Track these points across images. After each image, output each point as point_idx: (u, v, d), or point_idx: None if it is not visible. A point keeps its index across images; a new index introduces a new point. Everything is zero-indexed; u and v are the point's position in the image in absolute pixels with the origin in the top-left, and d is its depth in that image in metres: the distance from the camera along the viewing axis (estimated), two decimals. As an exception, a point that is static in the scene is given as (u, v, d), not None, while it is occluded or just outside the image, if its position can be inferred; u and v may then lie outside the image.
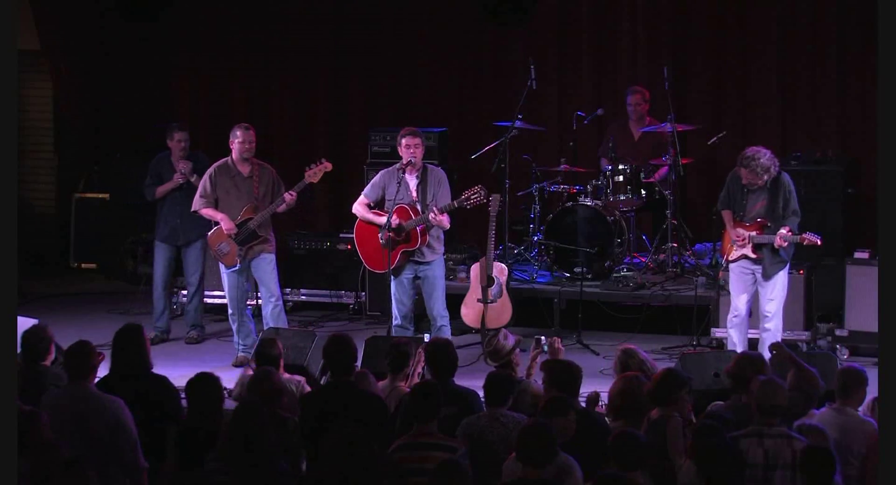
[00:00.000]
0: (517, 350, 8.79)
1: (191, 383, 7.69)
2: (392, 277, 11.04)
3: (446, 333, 10.92)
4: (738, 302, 10.68)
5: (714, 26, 13.71)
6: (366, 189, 11.20)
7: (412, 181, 10.99)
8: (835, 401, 7.90)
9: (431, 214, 10.77)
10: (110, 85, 15.02)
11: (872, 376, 8.01)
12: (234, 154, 11.25)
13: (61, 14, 14.71)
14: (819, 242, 10.47)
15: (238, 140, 11.21)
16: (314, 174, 11.19)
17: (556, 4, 14.03)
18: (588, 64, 14.03)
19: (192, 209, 11.42)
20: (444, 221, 10.87)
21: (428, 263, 11.01)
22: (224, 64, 15.01)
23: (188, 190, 11.76)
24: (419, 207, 10.92)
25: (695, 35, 13.79)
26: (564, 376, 7.84)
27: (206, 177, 11.32)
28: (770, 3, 13.53)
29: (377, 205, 11.10)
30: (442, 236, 11.10)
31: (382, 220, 10.87)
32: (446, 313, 11.11)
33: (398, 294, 11.07)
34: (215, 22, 14.95)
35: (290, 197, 11.11)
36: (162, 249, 12.05)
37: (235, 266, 11.19)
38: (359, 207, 11.14)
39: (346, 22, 14.59)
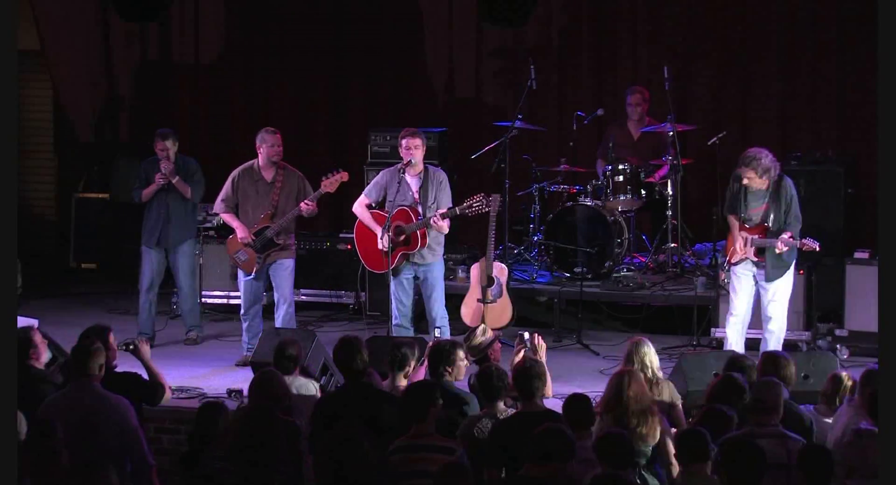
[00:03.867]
0: (497, 345, 8.83)
1: (200, 409, 7.71)
2: (392, 277, 11.05)
3: (446, 334, 10.92)
4: (738, 303, 10.67)
5: (714, 26, 13.71)
6: (367, 188, 11.20)
7: (414, 182, 10.99)
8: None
9: (433, 220, 10.77)
10: (110, 85, 15.01)
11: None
12: (261, 158, 11.20)
13: (61, 14, 14.70)
14: (818, 248, 10.47)
15: (266, 144, 11.15)
16: (331, 184, 11.15)
17: (556, 4, 14.03)
18: (588, 64, 14.03)
19: (213, 211, 11.50)
20: (444, 226, 10.87)
21: (427, 265, 11.01)
22: (224, 64, 15.00)
23: (173, 193, 11.71)
24: (420, 209, 10.93)
25: (695, 35, 13.79)
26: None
27: (229, 180, 11.29)
28: (770, 3, 13.53)
29: (378, 205, 11.10)
30: (441, 238, 11.10)
31: (379, 230, 10.86)
32: (445, 315, 11.11)
33: (398, 294, 11.07)
34: (215, 22, 14.94)
35: (306, 207, 11.08)
36: (148, 254, 11.88)
37: (253, 275, 11.19)
38: (359, 208, 11.14)
39: (346, 22, 14.59)
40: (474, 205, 10.83)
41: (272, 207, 11.17)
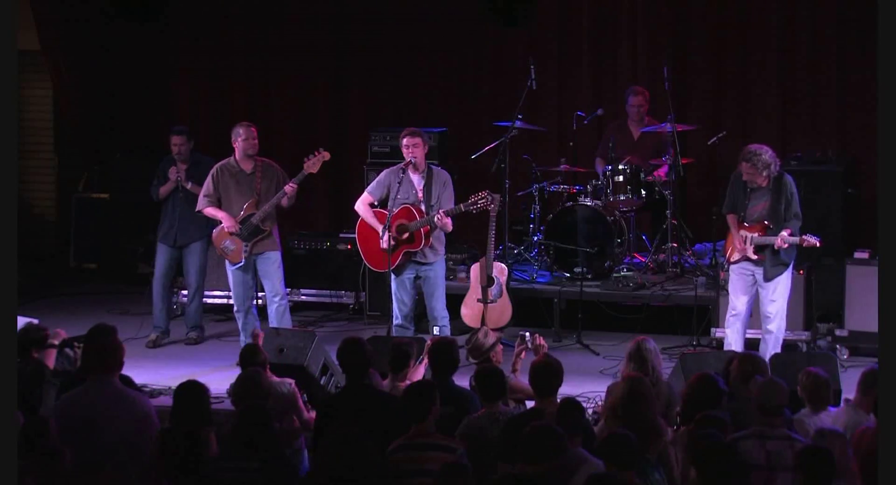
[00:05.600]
0: (499, 347, 8.83)
1: (178, 390, 7.68)
2: (393, 276, 11.05)
3: (446, 333, 10.93)
4: (737, 302, 10.67)
5: (714, 26, 13.71)
6: (369, 186, 11.21)
7: (417, 181, 11.00)
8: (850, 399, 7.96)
9: (437, 217, 10.77)
10: (110, 85, 15.02)
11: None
12: (238, 152, 11.28)
13: (61, 14, 14.70)
14: (818, 244, 10.46)
15: (241, 138, 11.23)
16: (313, 164, 11.20)
17: (556, 4, 14.03)
18: (588, 64, 14.03)
19: (196, 209, 11.49)
20: (448, 224, 10.88)
21: (429, 263, 11.02)
22: (224, 64, 15.01)
23: (186, 193, 11.82)
24: (423, 208, 10.93)
25: (695, 35, 13.79)
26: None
27: (209, 176, 11.36)
28: (770, 3, 13.53)
29: (381, 203, 11.09)
30: (443, 237, 11.12)
31: (380, 227, 10.87)
32: (447, 314, 11.12)
33: (399, 294, 11.08)
34: (215, 22, 14.95)
35: (290, 188, 11.11)
36: (162, 250, 12.09)
37: (241, 262, 11.21)
38: (361, 206, 11.15)
39: (346, 22, 14.59)
40: (479, 202, 10.84)
41: (256, 195, 11.24)
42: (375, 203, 11.11)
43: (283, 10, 14.72)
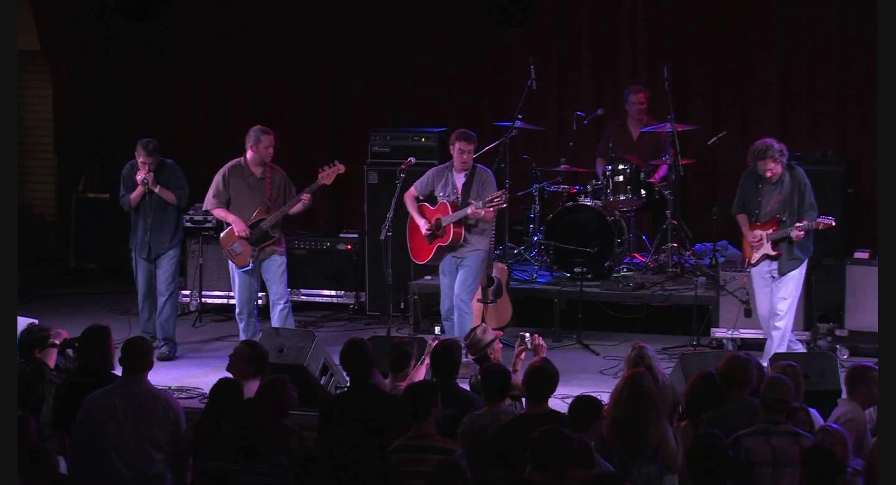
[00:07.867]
0: (497, 345, 8.83)
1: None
2: (440, 269, 11.15)
3: (467, 320, 10.82)
4: (761, 305, 10.69)
5: (714, 26, 13.71)
6: (417, 181, 11.22)
7: (459, 179, 11.03)
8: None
9: (471, 208, 10.76)
10: (110, 85, 15.02)
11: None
12: (252, 156, 11.20)
13: (61, 14, 14.71)
14: (833, 224, 10.47)
15: (262, 144, 11.13)
16: (327, 176, 11.16)
17: (556, 4, 14.03)
18: (588, 64, 14.03)
19: (204, 208, 11.52)
20: (482, 213, 10.83)
21: (463, 256, 11.00)
22: (224, 64, 15.01)
23: (155, 201, 11.58)
24: (460, 204, 10.96)
25: (695, 35, 13.79)
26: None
27: (218, 176, 11.30)
28: (770, 3, 13.53)
29: (427, 199, 11.12)
30: (485, 231, 11.06)
31: (422, 221, 10.98)
32: (467, 303, 10.96)
33: (443, 285, 11.13)
34: (215, 22, 14.95)
35: (305, 197, 11.09)
36: (140, 265, 11.79)
37: (248, 266, 11.20)
38: (407, 199, 11.21)
39: (346, 22, 14.59)
40: (495, 200, 10.83)
41: (267, 200, 11.20)
42: (420, 198, 11.15)
43: (283, 11, 14.72)
